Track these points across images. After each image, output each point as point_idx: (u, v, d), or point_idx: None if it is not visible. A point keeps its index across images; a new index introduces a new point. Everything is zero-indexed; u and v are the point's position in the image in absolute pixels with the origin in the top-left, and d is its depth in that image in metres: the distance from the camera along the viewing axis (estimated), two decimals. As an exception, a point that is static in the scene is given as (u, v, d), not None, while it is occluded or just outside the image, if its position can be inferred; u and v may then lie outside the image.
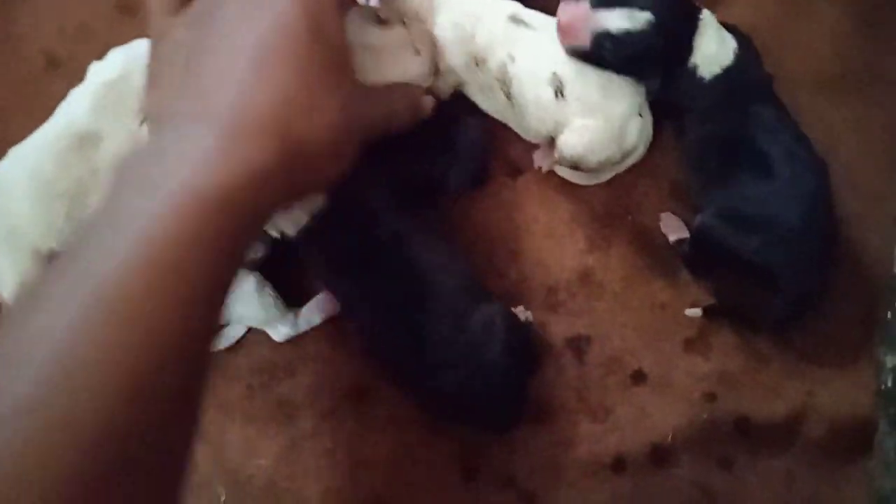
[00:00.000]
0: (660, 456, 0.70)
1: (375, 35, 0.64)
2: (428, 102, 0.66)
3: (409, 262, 0.66)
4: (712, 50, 0.68)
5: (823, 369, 0.72)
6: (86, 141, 0.67)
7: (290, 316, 0.73)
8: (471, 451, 0.71)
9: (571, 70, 0.71)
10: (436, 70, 0.76)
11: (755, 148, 0.67)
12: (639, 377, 0.73)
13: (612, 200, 0.78)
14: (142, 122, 0.65)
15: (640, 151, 0.75)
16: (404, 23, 0.67)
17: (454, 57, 0.75)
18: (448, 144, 0.74)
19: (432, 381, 0.65)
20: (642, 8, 0.65)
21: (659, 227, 0.76)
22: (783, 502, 0.69)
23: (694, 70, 0.68)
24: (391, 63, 0.64)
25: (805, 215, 0.65)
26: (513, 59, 0.72)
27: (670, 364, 0.73)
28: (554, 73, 0.71)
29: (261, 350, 0.74)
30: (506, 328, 0.65)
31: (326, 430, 0.72)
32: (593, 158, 0.72)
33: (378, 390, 0.73)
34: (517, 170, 0.79)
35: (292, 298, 0.73)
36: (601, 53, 0.67)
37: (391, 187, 0.69)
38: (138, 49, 0.68)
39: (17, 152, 0.69)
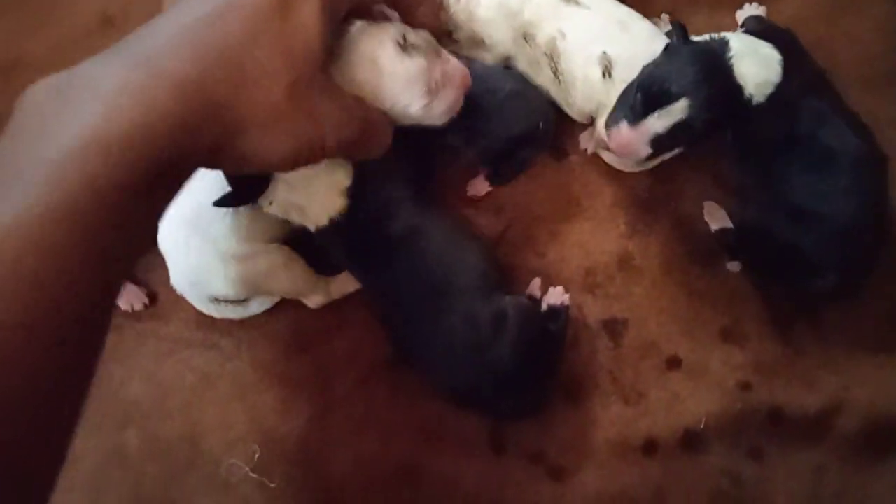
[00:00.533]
0: (691, 442, 0.70)
1: (391, 59, 0.60)
2: (388, 141, 0.59)
3: (425, 257, 0.66)
4: (761, 76, 0.65)
5: (861, 365, 0.71)
6: None
7: (322, 285, 0.73)
8: (502, 425, 0.71)
9: (624, 52, 0.71)
10: (481, 42, 0.76)
11: (816, 142, 0.66)
12: (674, 363, 0.73)
13: (655, 186, 0.78)
14: None
15: None
16: (438, 53, 0.64)
17: (500, 31, 0.75)
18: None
19: (447, 374, 0.66)
20: (675, 95, 0.62)
21: (700, 216, 0.76)
22: (810, 496, 0.68)
23: (750, 100, 0.65)
24: (395, 91, 0.61)
25: (862, 211, 0.65)
26: (563, 35, 0.72)
27: (706, 351, 0.73)
28: (604, 53, 0.71)
29: (299, 315, 0.75)
30: (518, 322, 0.66)
31: (359, 396, 0.73)
32: None
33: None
34: (563, 152, 0.79)
35: (326, 267, 0.74)
36: (664, 149, 0.67)
37: (407, 179, 0.69)
38: None
39: None
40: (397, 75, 0.59)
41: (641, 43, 0.71)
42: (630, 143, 0.65)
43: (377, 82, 0.58)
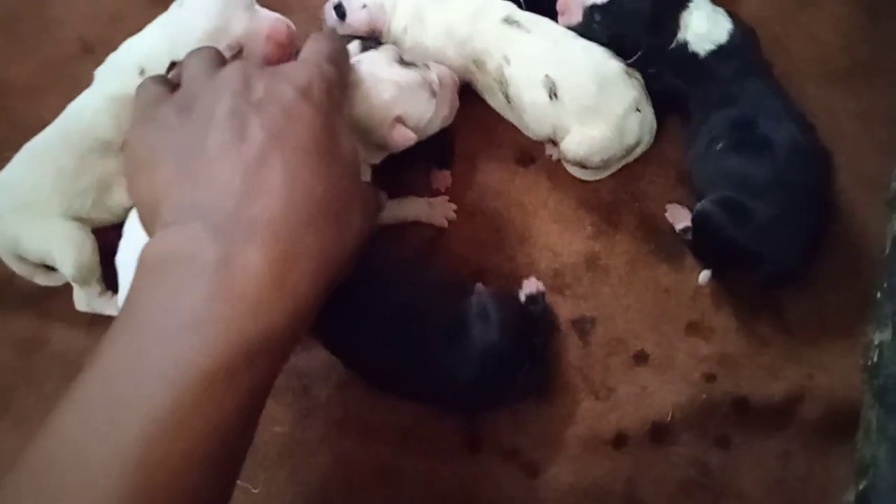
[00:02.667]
0: (659, 434, 0.73)
1: (396, 72, 0.67)
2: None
3: (384, 295, 0.68)
4: (703, 27, 0.73)
5: (822, 353, 0.74)
6: (108, 146, 0.74)
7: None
8: (476, 424, 0.74)
9: (564, 71, 0.73)
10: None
11: (757, 134, 0.69)
12: (641, 358, 0.75)
13: (619, 188, 0.80)
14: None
15: (647, 142, 0.77)
16: (427, 65, 0.71)
17: (449, 59, 0.78)
18: None
19: (449, 386, 0.68)
20: None
21: (664, 215, 0.78)
22: (777, 480, 0.71)
23: (685, 45, 0.72)
24: (406, 101, 0.67)
25: (793, 204, 0.68)
26: (508, 61, 0.75)
27: (672, 346, 0.75)
28: (546, 76, 0.73)
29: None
30: (497, 306, 0.68)
31: (339, 401, 0.75)
32: (596, 158, 0.75)
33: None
34: (529, 158, 0.82)
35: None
36: (592, 25, 0.73)
37: None
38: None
39: (35, 146, 0.74)
40: (410, 86, 0.67)
41: (579, 60, 0.73)
42: (571, 1, 0.74)
43: (397, 99, 0.66)
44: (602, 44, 0.74)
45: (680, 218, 0.77)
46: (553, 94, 0.73)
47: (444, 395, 0.70)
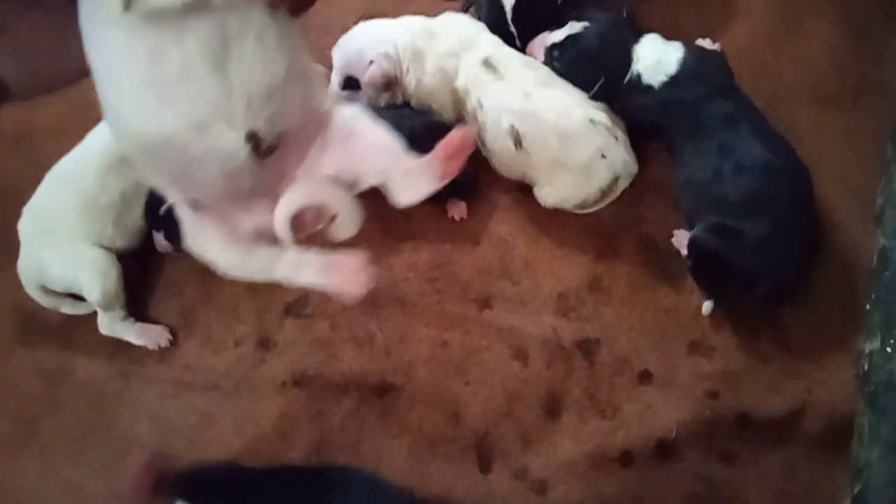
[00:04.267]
0: (665, 451, 0.74)
1: None
2: None
3: None
4: (651, 59, 0.78)
5: (822, 368, 0.75)
6: (126, 161, 0.77)
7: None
8: (487, 444, 0.76)
9: (529, 123, 0.76)
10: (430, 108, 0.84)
11: (732, 159, 0.73)
12: (645, 377, 0.77)
13: (619, 213, 0.83)
14: None
15: (626, 176, 0.79)
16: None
17: (441, 97, 0.82)
18: None
19: None
20: (580, 20, 0.79)
21: (664, 236, 0.81)
22: (782, 492, 0.72)
23: (639, 77, 0.78)
24: None
25: (776, 224, 0.71)
26: (481, 105, 0.79)
27: (675, 364, 0.77)
28: (512, 125, 0.77)
29: (297, 349, 0.81)
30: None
31: (353, 425, 0.77)
32: (569, 204, 0.79)
33: (401, 388, 0.78)
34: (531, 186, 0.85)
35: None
36: (552, 63, 0.79)
37: None
38: None
39: (58, 171, 0.79)
40: None
41: (543, 112, 0.77)
42: (536, 44, 0.82)
43: None
44: (565, 77, 0.80)
45: (685, 243, 0.79)
46: (518, 144, 0.76)
47: None
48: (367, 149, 0.50)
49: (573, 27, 0.79)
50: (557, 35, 0.80)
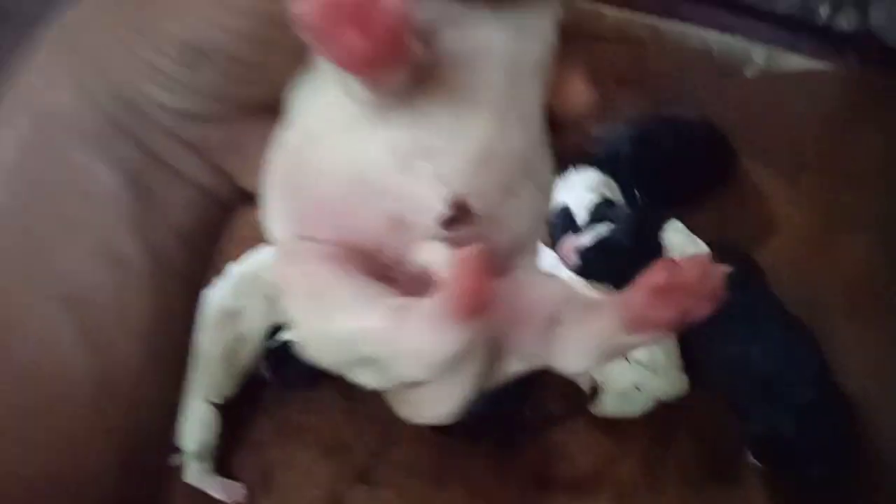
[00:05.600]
0: None
1: None
2: None
3: None
4: (679, 240, 0.83)
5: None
6: (229, 315, 0.86)
7: None
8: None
9: None
10: None
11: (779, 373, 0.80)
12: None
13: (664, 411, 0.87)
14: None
15: (674, 395, 0.84)
16: None
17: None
18: None
19: None
20: (607, 220, 0.82)
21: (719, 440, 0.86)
22: None
23: None
24: None
25: (812, 431, 0.77)
26: None
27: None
28: None
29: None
30: None
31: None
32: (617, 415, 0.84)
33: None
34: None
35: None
36: (591, 265, 0.82)
37: None
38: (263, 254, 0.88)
39: None
40: None
41: None
42: (566, 250, 0.82)
43: None
44: (604, 280, 0.83)
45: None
46: None
47: None
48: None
49: (598, 228, 0.82)
50: (584, 238, 0.82)
